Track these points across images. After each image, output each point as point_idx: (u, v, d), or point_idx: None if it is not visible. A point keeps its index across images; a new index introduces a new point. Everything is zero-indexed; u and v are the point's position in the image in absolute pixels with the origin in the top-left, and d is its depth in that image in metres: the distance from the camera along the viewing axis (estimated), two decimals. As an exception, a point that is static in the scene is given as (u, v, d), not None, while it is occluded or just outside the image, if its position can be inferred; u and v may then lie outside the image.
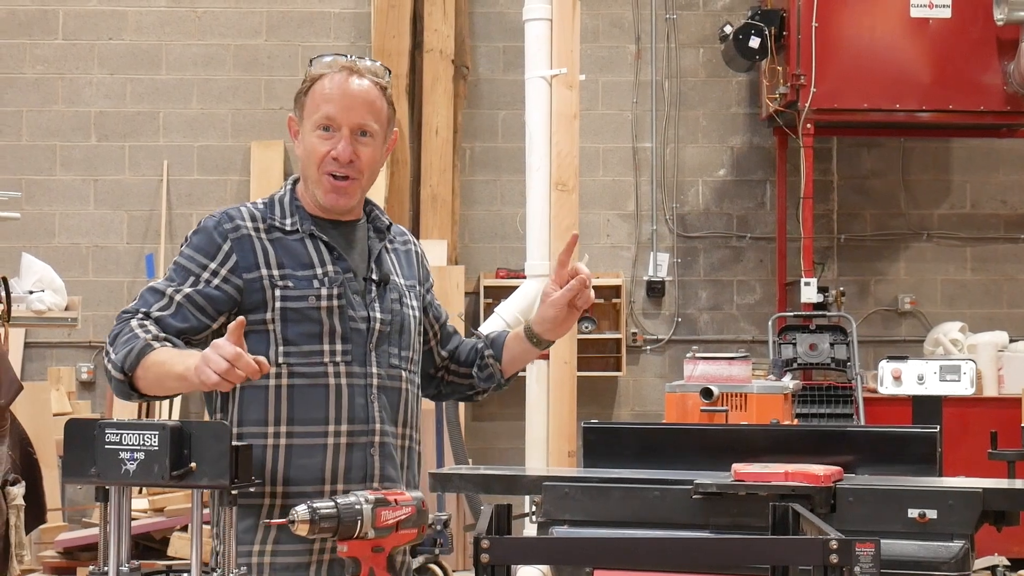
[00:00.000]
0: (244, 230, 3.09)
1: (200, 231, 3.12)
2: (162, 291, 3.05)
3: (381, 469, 3.09)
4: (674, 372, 9.68)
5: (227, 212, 3.14)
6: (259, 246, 3.10)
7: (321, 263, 3.11)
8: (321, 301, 3.07)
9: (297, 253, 3.11)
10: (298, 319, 3.05)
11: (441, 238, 9.83)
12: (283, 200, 3.19)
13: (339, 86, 3.11)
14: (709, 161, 10.47)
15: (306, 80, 3.16)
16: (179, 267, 3.09)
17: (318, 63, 3.16)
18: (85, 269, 10.22)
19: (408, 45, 10.04)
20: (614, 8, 10.45)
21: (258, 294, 3.06)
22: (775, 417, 6.34)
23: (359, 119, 3.12)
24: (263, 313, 3.06)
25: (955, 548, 3.58)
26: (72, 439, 2.43)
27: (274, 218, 3.15)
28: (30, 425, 5.78)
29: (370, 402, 3.09)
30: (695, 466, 4.16)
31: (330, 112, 3.10)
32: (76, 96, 10.32)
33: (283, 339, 3.04)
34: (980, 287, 10.47)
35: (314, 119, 3.12)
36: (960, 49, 9.29)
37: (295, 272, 3.08)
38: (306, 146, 3.14)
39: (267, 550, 2.99)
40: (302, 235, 3.13)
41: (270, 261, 3.08)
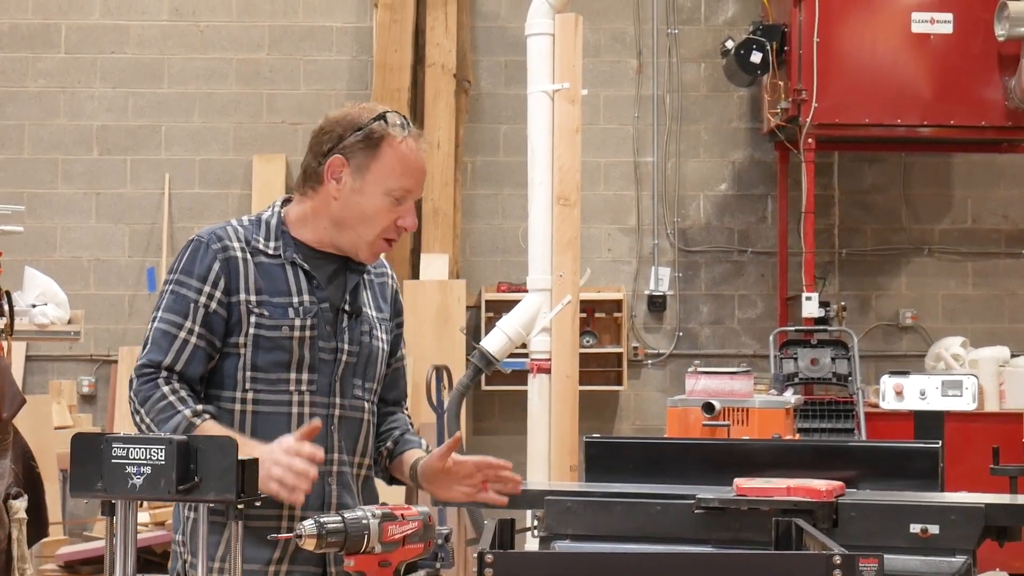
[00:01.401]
0: (232, 251, 3.10)
1: (189, 252, 3.12)
2: (174, 335, 3.05)
3: (338, 497, 3.12)
4: (675, 386, 9.67)
5: (215, 232, 3.13)
6: (243, 269, 3.10)
7: (298, 291, 3.11)
8: (294, 331, 3.08)
9: (276, 279, 3.11)
10: (269, 347, 3.07)
11: (443, 252, 9.83)
12: (270, 222, 3.18)
13: (415, 158, 3.13)
14: (710, 175, 10.48)
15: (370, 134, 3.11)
16: (177, 297, 3.08)
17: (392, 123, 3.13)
18: (87, 282, 10.22)
19: (410, 59, 10.05)
20: (616, 23, 10.47)
21: (236, 317, 3.08)
22: (777, 432, 6.34)
23: (422, 191, 3.19)
24: (237, 336, 3.08)
25: (957, 563, 3.59)
26: (79, 453, 2.44)
27: (258, 240, 3.14)
28: (32, 438, 5.78)
29: (331, 432, 3.11)
30: (697, 481, 4.16)
31: (410, 186, 3.12)
32: (78, 110, 10.33)
33: (252, 365, 3.06)
34: (981, 302, 10.47)
35: (391, 186, 3.10)
36: (961, 64, 9.30)
37: (271, 299, 3.09)
38: (368, 206, 3.10)
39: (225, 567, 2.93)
40: (283, 261, 3.13)
41: (249, 286, 3.08)
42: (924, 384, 6.29)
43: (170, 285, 3.10)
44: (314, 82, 10.27)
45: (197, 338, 3.04)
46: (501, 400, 10.01)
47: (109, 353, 10.11)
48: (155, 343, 3.05)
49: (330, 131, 3.15)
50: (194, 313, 3.05)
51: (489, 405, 10.14)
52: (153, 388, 3.00)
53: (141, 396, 3.00)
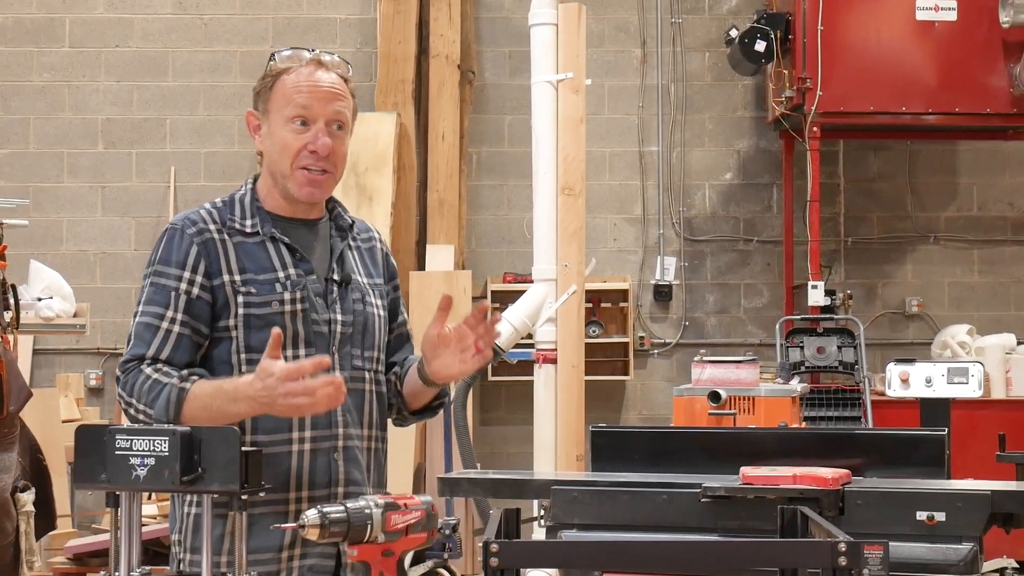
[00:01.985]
0: (208, 234, 3.05)
1: (165, 242, 3.07)
2: (156, 326, 3.01)
3: (346, 473, 3.09)
4: (682, 376, 9.68)
5: (188, 216, 3.09)
6: (222, 250, 3.05)
7: (283, 266, 3.06)
8: (284, 306, 3.03)
9: (258, 257, 3.06)
10: (261, 325, 3.00)
11: (448, 243, 9.83)
12: (243, 200, 3.14)
13: (309, 79, 3.08)
14: (715, 165, 10.47)
15: (267, 75, 3.11)
16: (157, 288, 3.04)
17: (280, 57, 3.11)
18: (93, 276, 10.23)
19: (414, 50, 10.04)
20: (620, 13, 10.46)
21: (222, 300, 3.03)
22: (783, 420, 6.34)
23: (334, 112, 3.09)
24: (226, 319, 3.02)
25: (964, 551, 3.58)
26: (82, 445, 2.44)
27: (234, 219, 3.09)
28: (39, 432, 5.79)
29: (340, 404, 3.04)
30: (703, 469, 4.16)
31: (304, 103, 3.06)
32: (83, 103, 10.34)
33: (246, 346, 3.01)
34: (987, 289, 10.45)
35: (286, 113, 3.07)
36: (966, 52, 9.28)
37: (256, 276, 3.04)
38: (277, 140, 3.08)
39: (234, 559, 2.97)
40: (263, 237, 3.08)
41: (232, 266, 3.04)
42: (930, 372, 6.29)
43: (149, 278, 3.06)
44: (318, 74, 10.26)
45: (180, 326, 3.00)
46: (507, 390, 10.01)
47: (116, 346, 10.12)
48: (137, 337, 3.03)
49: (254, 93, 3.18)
50: (175, 302, 3.01)
51: (495, 395, 10.14)
52: (136, 375, 2.97)
53: (128, 387, 2.97)
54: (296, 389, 2.81)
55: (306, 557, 3.04)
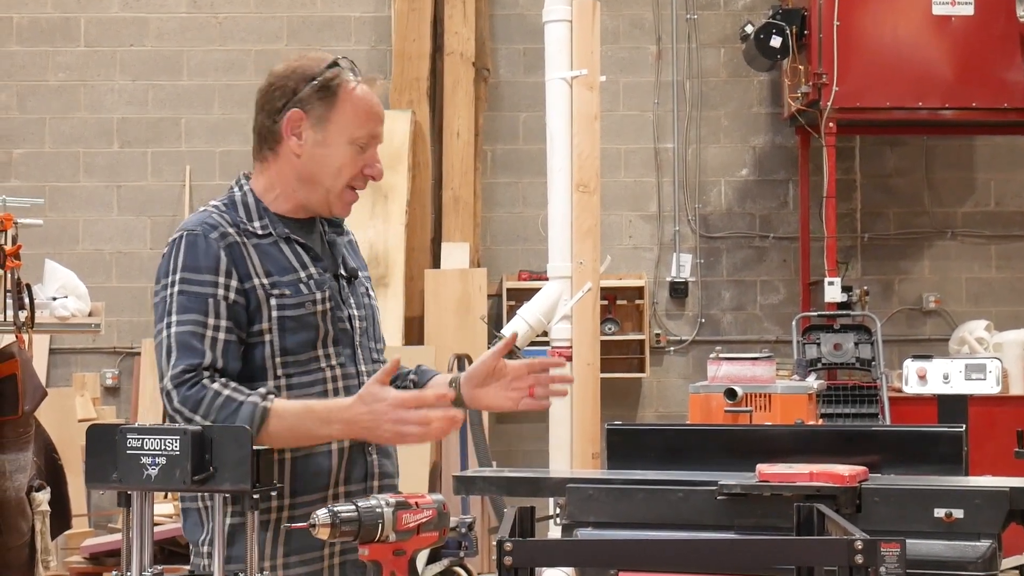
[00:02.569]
0: (231, 237, 2.97)
1: (186, 247, 2.95)
2: (201, 334, 2.89)
3: (380, 467, 3.09)
4: (698, 373, 9.66)
5: (205, 221, 2.98)
6: (245, 253, 2.97)
7: (303, 266, 3.02)
8: (317, 306, 3.00)
9: (277, 258, 3.00)
10: (296, 328, 2.97)
11: (463, 241, 9.82)
12: (246, 201, 3.06)
13: (370, 101, 3.06)
14: (731, 161, 10.44)
15: (323, 83, 3.02)
16: (190, 296, 2.91)
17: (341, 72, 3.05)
18: (108, 275, 10.25)
19: (429, 48, 10.04)
20: (634, 9, 10.44)
21: (254, 303, 2.95)
22: (799, 417, 6.32)
23: (382, 134, 3.10)
24: (259, 323, 2.95)
25: (982, 548, 3.56)
26: (94, 444, 2.43)
27: (244, 222, 3.01)
28: (55, 431, 5.80)
29: None
30: (719, 467, 4.14)
31: (374, 131, 3.05)
32: (98, 103, 10.36)
33: (281, 349, 2.95)
34: (1005, 285, 10.41)
35: (354, 134, 3.03)
36: (983, 46, 9.25)
37: (282, 278, 2.98)
38: (334, 156, 3.02)
39: (278, 563, 2.97)
40: (276, 238, 3.02)
41: (258, 269, 2.96)
42: (947, 368, 6.26)
43: (173, 287, 2.93)
44: (333, 72, 10.25)
45: (226, 333, 2.90)
46: (523, 388, 9.99)
47: (132, 345, 10.14)
48: (185, 347, 2.87)
49: (281, 86, 3.06)
50: (215, 308, 2.90)
51: (511, 393, 10.11)
52: (201, 390, 2.84)
53: (191, 403, 2.83)
54: (410, 418, 2.82)
55: (347, 552, 3.03)
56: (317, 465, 2.98)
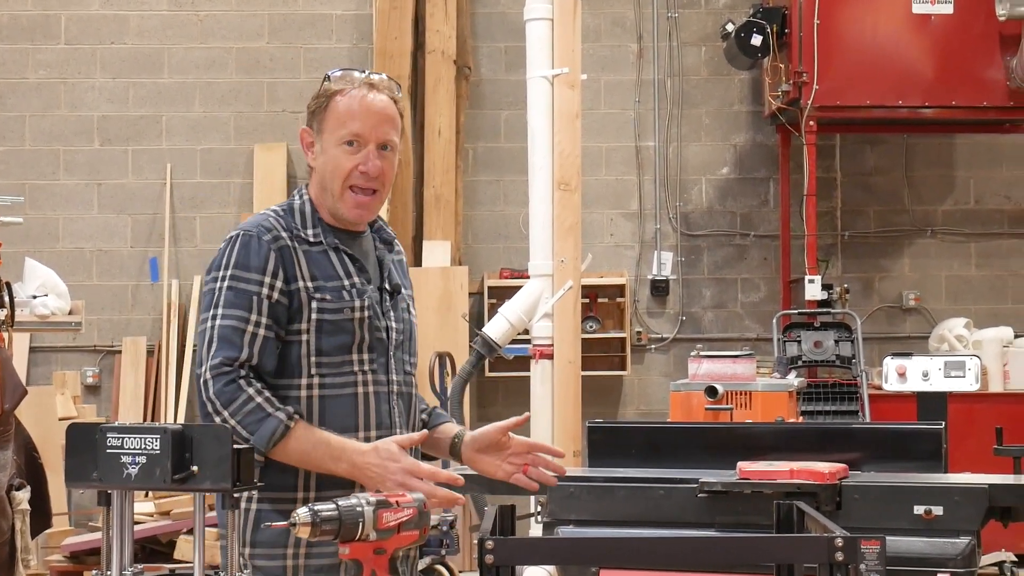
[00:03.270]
0: (282, 241, 3.13)
1: (239, 247, 3.12)
2: (242, 329, 3.06)
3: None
4: (679, 371, 9.66)
5: (261, 224, 3.15)
6: (295, 257, 3.13)
7: (347, 275, 3.17)
8: (355, 313, 3.14)
9: (324, 265, 3.16)
10: (333, 331, 3.11)
11: (444, 239, 9.82)
12: (304, 210, 3.21)
13: (361, 102, 3.16)
14: (712, 159, 10.46)
15: (321, 95, 3.20)
16: (237, 292, 3.09)
17: (334, 78, 3.21)
18: (89, 273, 10.22)
19: (410, 46, 10.03)
20: (616, 7, 10.44)
21: (296, 304, 3.11)
22: (780, 415, 6.34)
23: (384, 134, 3.18)
24: (298, 323, 3.11)
25: (961, 544, 3.58)
26: (74, 443, 2.43)
27: (298, 229, 3.17)
28: (35, 430, 5.78)
29: (392, 408, 3.20)
30: (700, 465, 4.16)
31: (356, 128, 3.15)
32: (79, 100, 10.32)
33: (316, 350, 3.11)
34: (985, 283, 10.45)
35: (339, 134, 3.16)
36: (962, 45, 9.27)
37: (326, 284, 3.13)
38: (329, 160, 3.18)
39: (300, 552, 3.08)
40: (325, 247, 3.17)
41: (304, 273, 3.12)
42: (927, 365, 6.29)
43: (224, 282, 3.10)
44: (314, 70, 10.24)
45: (265, 330, 3.07)
46: (504, 386, 10.01)
47: (113, 344, 10.11)
48: (224, 339, 3.05)
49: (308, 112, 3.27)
50: (258, 306, 3.07)
51: (492, 391, 10.14)
52: (237, 390, 3.01)
53: (224, 398, 3.00)
54: (416, 486, 2.93)
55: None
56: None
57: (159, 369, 9.89)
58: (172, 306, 10.01)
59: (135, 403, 9.82)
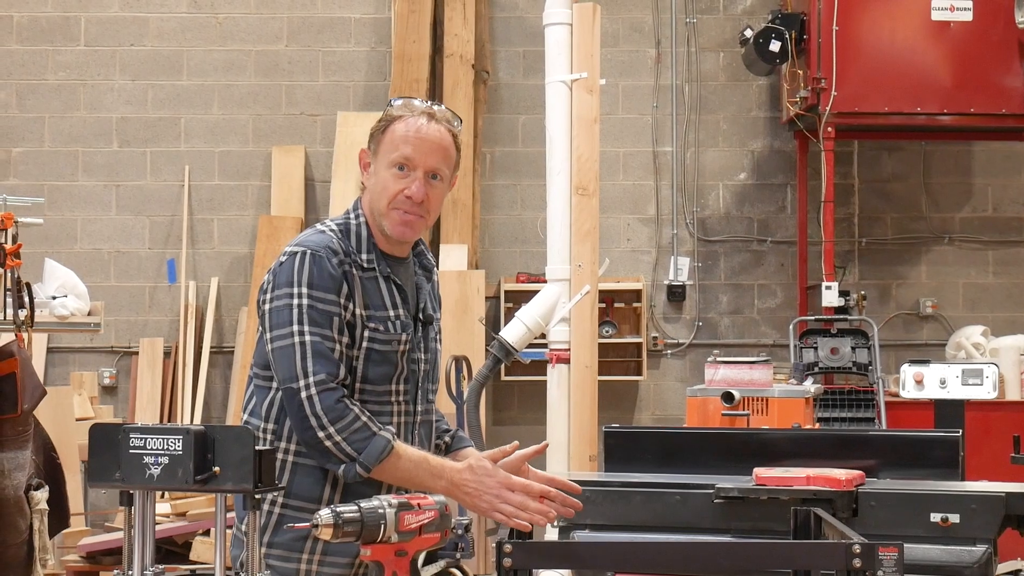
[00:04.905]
0: (346, 266, 3.19)
1: (310, 265, 3.15)
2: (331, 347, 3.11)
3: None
4: (695, 376, 9.66)
5: (328, 246, 3.19)
6: (354, 283, 3.20)
7: (393, 306, 3.24)
8: (402, 346, 3.22)
9: (374, 294, 3.22)
10: (379, 360, 3.19)
11: (462, 243, 9.83)
12: (360, 233, 3.27)
13: (417, 130, 3.23)
14: (730, 165, 10.45)
15: (383, 119, 3.28)
16: (320, 312, 3.13)
17: (396, 105, 3.29)
18: (107, 274, 10.25)
19: (428, 50, 10.04)
20: (634, 12, 10.45)
21: (355, 328, 3.18)
22: (796, 421, 6.33)
23: (433, 163, 3.24)
24: (352, 348, 3.17)
25: (978, 552, 3.58)
26: (97, 443, 2.44)
27: (354, 253, 3.23)
28: (53, 430, 5.80)
29: (415, 436, 3.28)
30: (716, 470, 4.16)
31: (408, 153, 3.21)
32: (98, 102, 10.36)
33: (363, 376, 3.17)
34: (1002, 290, 10.43)
35: (391, 158, 3.23)
36: (981, 52, 9.26)
37: (376, 313, 3.20)
38: (380, 181, 3.25)
39: (315, 559, 3.14)
40: (377, 275, 3.24)
41: (359, 300, 3.19)
42: (944, 373, 6.27)
43: (302, 299, 3.13)
44: (333, 73, 10.27)
45: (346, 348, 3.15)
46: (520, 390, 10.01)
47: (130, 345, 10.14)
48: (322, 356, 3.10)
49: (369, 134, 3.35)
50: (340, 326, 3.14)
51: (508, 395, 10.14)
52: (345, 409, 3.08)
53: (333, 415, 3.06)
54: (511, 499, 3.04)
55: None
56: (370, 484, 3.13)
57: (176, 370, 9.92)
58: (189, 308, 10.03)
59: (152, 404, 9.85)
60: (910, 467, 4.15)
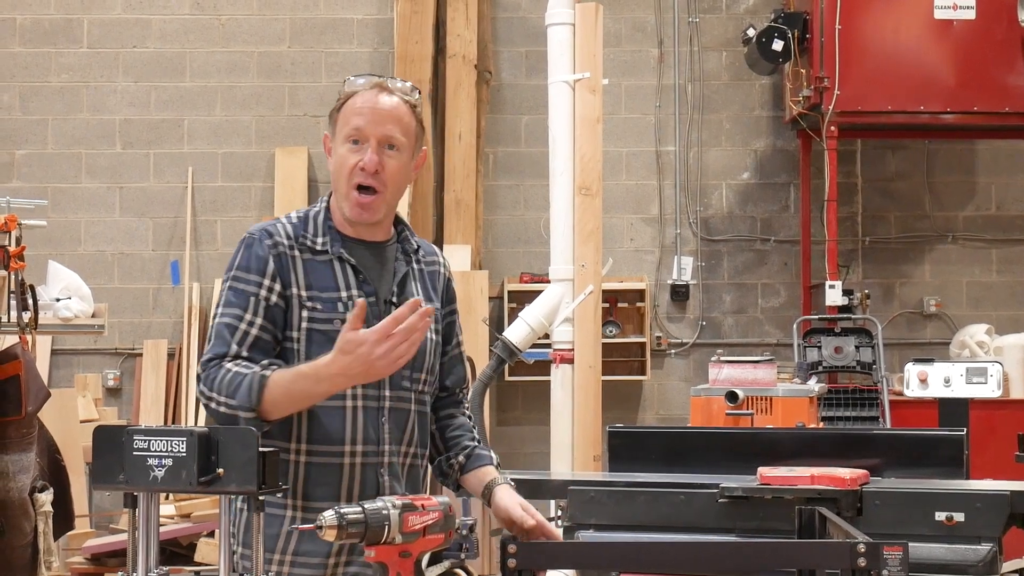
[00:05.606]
0: (281, 247, 3.17)
1: (243, 249, 3.18)
2: (235, 326, 3.11)
3: (390, 488, 3.16)
4: (699, 376, 9.66)
5: (266, 228, 3.21)
6: (292, 264, 3.17)
7: (347, 286, 3.18)
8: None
9: (324, 275, 3.18)
10: (322, 341, 3.10)
11: (465, 243, 9.83)
12: (317, 217, 3.24)
13: (369, 101, 3.20)
14: (733, 164, 10.45)
15: (340, 99, 3.24)
16: (237, 292, 3.14)
17: (351, 82, 3.25)
18: (111, 276, 10.26)
19: (431, 51, 10.05)
20: (637, 12, 10.45)
21: (291, 310, 3.15)
22: (801, 420, 6.33)
23: (386, 131, 3.18)
24: (291, 331, 3.14)
25: (983, 551, 3.58)
26: (100, 445, 2.45)
27: (306, 236, 3.21)
28: (57, 432, 5.80)
29: (381, 424, 3.17)
30: (721, 470, 4.16)
31: (359, 124, 3.17)
32: (101, 104, 10.36)
33: (306, 359, 3.09)
34: (1006, 289, 10.42)
35: (344, 132, 3.19)
36: (984, 50, 9.25)
37: (321, 294, 3.15)
38: (336, 159, 3.22)
39: (286, 560, 3.11)
40: (331, 257, 3.19)
41: (299, 281, 3.15)
42: (948, 371, 6.27)
43: (227, 283, 3.17)
44: (335, 74, 10.27)
45: (259, 329, 3.11)
46: (524, 390, 10.01)
47: (134, 346, 10.15)
48: (218, 337, 3.12)
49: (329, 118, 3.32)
50: (255, 306, 3.12)
51: (512, 395, 10.14)
52: (217, 370, 3.06)
53: (208, 382, 3.06)
54: (396, 342, 2.92)
55: (351, 564, 3.14)
56: (327, 474, 3.11)
57: (179, 372, 9.92)
58: (193, 309, 10.04)
59: (156, 406, 9.85)
60: (914, 466, 4.15)
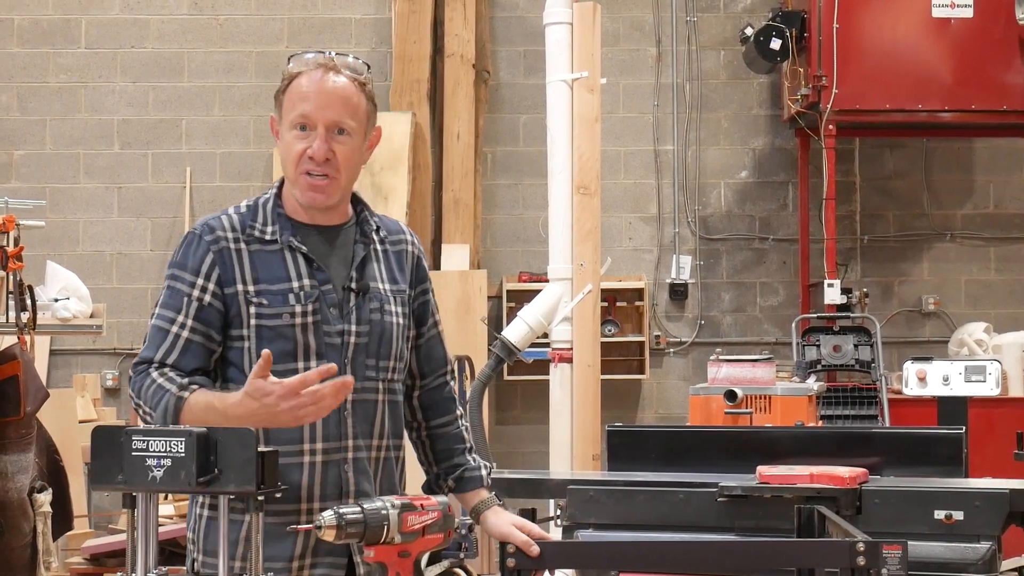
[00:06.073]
0: (224, 242, 3.04)
1: (183, 246, 3.07)
2: (167, 330, 3.01)
3: (356, 484, 3.05)
4: (698, 375, 9.66)
5: (208, 223, 3.07)
6: (236, 259, 3.03)
7: (298, 276, 3.04)
8: (295, 319, 3.01)
9: (273, 266, 3.04)
10: (272, 337, 2.99)
11: (463, 242, 9.83)
12: (267, 205, 3.12)
13: (315, 84, 3.05)
14: (731, 163, 10.45)
15: (284, 79, 3.11)
16: (172, 291, 3.03)
17: (296, 60, 3.11)
18: (109, 276, 10.25)
19: (429, 50, 10.05)
20: (635, 11, 10.45)
21: (235, 309, 3.02)
22: (800, 419, 6.33)
23: (334, 117, 3.05)
24: (239, 329, 3.02)
25: (982, 549, 3.58)
26: (99, 446, 2.44)
27: (255, 226, 3.08)
28: (56, 432, 5.80)
29: (344, 418, 3.04)
30: (720, 469, 4.16)
31: (305, 110, 3.04)
32: (99, 104, 10.36)
33: (258, 356, 2.92)
34: (1004, 287, 10.42)
35: (290, 118, 3.06)
36: (982, 49, 9.25)
37: (270, 287, 3.02)
38: (284, 145, 3.09)
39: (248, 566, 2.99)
40: (281, 246, 3.06)
41: (246, 276, 3.03)
42: (947, 370, 6.27)
43: (167, 280, 3.06)
44: (333, 74, 10.25)
45: (190, 332, 2.99)
46: (523, 390, 10.01)
47: (132, 347, 10.13)
48: (150, 340, 3.02)
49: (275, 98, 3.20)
50: (187, 307, 3.00)
51: (511, 395, 10.14)
52: (144, 377, 2.97)
53: (135, 388, 2.98)
54: (304, 401, 2.80)
55: (317, 567, 3.02)
56: (286, 475, 2.93)
57: (178, 372, 9.91)
58: (192, 309, 10.02)
59: (155, 406, 9.84)
60: (914, 464, 4.15)
